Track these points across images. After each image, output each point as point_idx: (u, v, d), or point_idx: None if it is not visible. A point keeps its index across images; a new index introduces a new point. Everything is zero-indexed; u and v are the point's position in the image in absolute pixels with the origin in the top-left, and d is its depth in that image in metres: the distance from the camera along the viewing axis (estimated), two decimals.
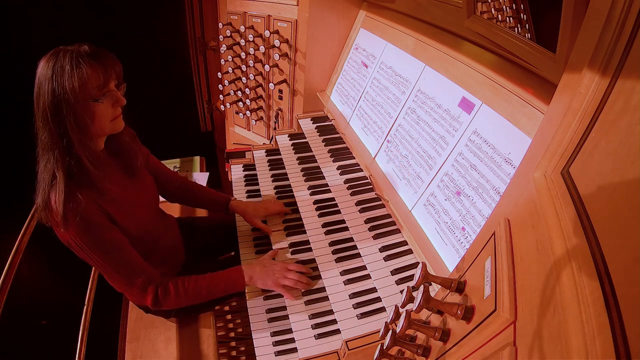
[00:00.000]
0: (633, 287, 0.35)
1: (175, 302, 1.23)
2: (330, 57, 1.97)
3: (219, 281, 1.28)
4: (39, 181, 1.07)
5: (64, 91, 0.99)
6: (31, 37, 2.13)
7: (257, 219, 1.54)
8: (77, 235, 1.07)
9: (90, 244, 1.09)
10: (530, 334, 0.47)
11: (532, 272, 0.54)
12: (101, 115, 1.07)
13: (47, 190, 1.05)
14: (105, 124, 1.10)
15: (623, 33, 0.52)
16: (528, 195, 0.65)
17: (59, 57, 1.00)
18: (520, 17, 1.02)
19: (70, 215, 1.03)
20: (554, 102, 0.72)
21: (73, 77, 0.99)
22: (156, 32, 2.42)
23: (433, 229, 1.17)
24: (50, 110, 1.00)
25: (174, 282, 1.23)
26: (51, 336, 2.10)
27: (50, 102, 0.99)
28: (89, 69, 1.00)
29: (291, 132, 1.95)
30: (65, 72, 0.99)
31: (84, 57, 1.01)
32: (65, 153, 1.03)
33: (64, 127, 1.01)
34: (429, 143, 1.28)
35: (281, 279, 1.28)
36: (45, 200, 1.05)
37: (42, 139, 1.04)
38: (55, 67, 0.99)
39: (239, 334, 1.83)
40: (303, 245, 1.46)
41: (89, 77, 1.01)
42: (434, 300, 0.64)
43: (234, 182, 1.84)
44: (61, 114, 1.00)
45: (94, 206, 1.09)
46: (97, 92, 1.04)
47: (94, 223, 1.09)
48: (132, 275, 1.18)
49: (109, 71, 1.05)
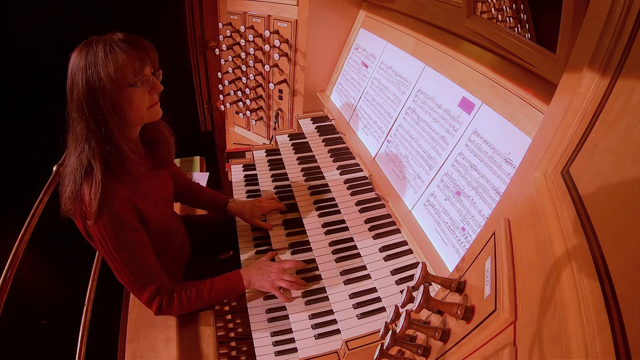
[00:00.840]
0: (633, 287, 0.35)
1: (178, 310, 1.25)
2: (330, 57, 1.97)
3: (219, 287, 1.28)
4: (69, 172, 1.05)
5: (99, 78, 0.97)
6: (32, 39, 2.13)
7: (255, 219, 1.55)
8: (105, 231, 1.06)
9: (116, 242, 1.09)
10: (530, 334, 0.47)
11: (532, 272, 0.54)
12: (138, 102, 1.05)
13: (80, 181, 1.03)
14: (143, 111, 1.08)
15: (623, 33, 0.52)
16: (528, 195, 0.65)
17: (91, 46, 0.99)
18: (520, 17, 1.02)
19: (103, 208, 1.02)
20: (554, 102, 0.72)
21: (108, 63, 0.97)
22: (156, 32, 2.42)
23: (433, 229, 1.17)
24: (85, 99, 0.98)
25: (178, 292, 1.23)
26: (51, 336, 2.11)
27: (85, 91, 0.98)
28: (124, 54, 0.99)
29: (291, 132, 1.95)
30: (99, 59, 0.97)
31: (117, 43, 0.99)
32: (104, 142, 1.02)
33: (101, 115, 1.00)
34: (429, 143, 1.28)
35: (277, 280, 1.28)
36: (75, 192, 1.03)
37: (77, 131, 1.03)
38: (89, 55, 0.98)
39: (239, 334, 1.83)
40: (303, 245, 1.46)
41: (124, 63, 0.99)
42: (434, 300, 0.64)
43: (234, 182, 1.84)
44: (97, 102, 0.99)
45: (127, 201, 1.09)
46: (133, 78, 1.02)
47: (125, 222, 1.09)
48: (146, 282, 1.18)
49: (144, 56, 1.03)
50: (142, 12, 2.32)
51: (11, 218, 1.68)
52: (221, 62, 2.28)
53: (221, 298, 1.29)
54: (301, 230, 1.48)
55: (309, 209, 1.51)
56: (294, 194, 1.59)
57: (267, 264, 1.35)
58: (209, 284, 1.27)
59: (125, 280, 1.19)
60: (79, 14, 2.19)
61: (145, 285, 1.18)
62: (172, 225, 1.40)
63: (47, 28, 2.12)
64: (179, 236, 1.46)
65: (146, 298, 1.19)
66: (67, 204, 1.06)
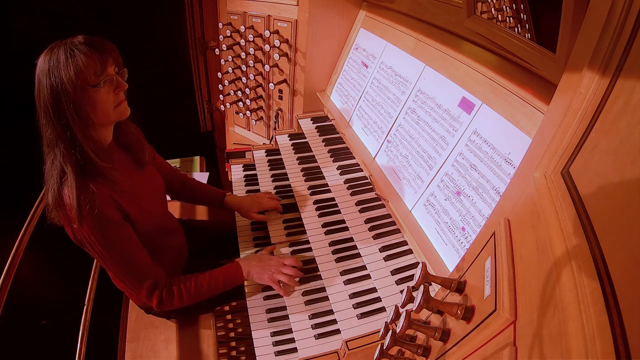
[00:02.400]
0: (633, 287, 0.35)
1: (178, 303, 1.25)
2: (330, 57, 1.96)
3: (219, 277, 1.29)
4: (47, 179, 1.06)
5: (61, 82, 0.98)
6: (31, 39, 2.13)
7: (252, 213, 1.56)
8: (91, 231, 1.06)
9: (104, 241, 1.09)
10: (530, 334, 0.47)
11: (532, 272, 0.54)
12: (103, 102, 1.06)
13: (57, 187, 1.04)
14: (109, 110, 1.08)
15: (623, 33, 0.52)
16: (528, 195, 0.65)
17: (53, 50, 1.00)
18: (520, 17, 1.02)
19: (85, 209, 1.03)
20: (554, 102, 0.72)
21: (68, 66, 0.98)
22: (156, 32, 2.42)
23: (433, 229, 1.17)
24: (50, 104, 0.99)
25: (177, 284, 1.24)
26: (51, 336, 2.10)
27: (49, 96, 0.99)
28: (84, 57, 1.00)
29: (291, 132, 1.95)
30: (60, 63, 0.98)
31: (77, 45, 1.00)
32: (70, 146, 1.02)
33: (65, 120, 1.01)
34: (429, 143, 1.28)
35: (276, 274, 1.29)
36: (56, 198, 1.04)
37: (47, 136, 1.03)
38: (51, 60, 0.99)
39: (239, 334, 1.83)
40: (303, 245, 1.46)
41: (84, 65, 1.00)
42: (434, 300, 0.64)
43: (234, 182, 1.84)
44: (61, 107, 1.00)
45: (108, 199, 1.09)
46: (95, 79, 1.02)
47: (109, 219, 1.09)
48: (142, 277, 1.18)
49: (105, 56, 1.04)
50: (142, 12, 2.32)
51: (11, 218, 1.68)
52: (221, 62, 2.28)
53: (221, 289, 1.30)
54: (301, 230, 1.48)
55: (309, 209, 1.51)
56: (294, 193, 1.59)
57: (267, 257, 1.36)
58: (208, 276, 1.28)
59: (121, 280, 1.19)
60: (79, 14, 2.19)
61: (141, 282, 1.18)
62: (166, 224, 1.39)
63: (47, 28, 2.12)
64: (173, 240, 1.45)
65: (145, 294, 1.19)
66: (51, 211, 1.07)
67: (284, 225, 1.56)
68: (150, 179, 1.34)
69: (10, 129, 2.31)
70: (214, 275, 1.28)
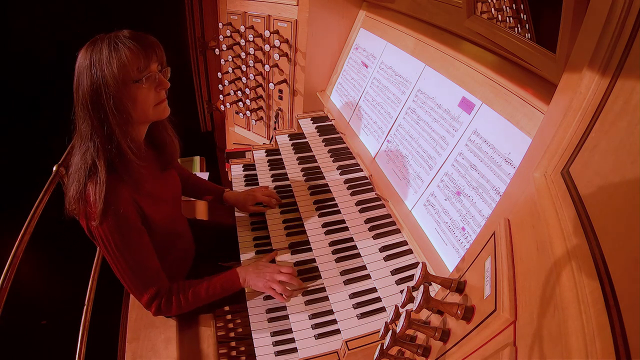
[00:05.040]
0: (633, 287, 0.35)
1: (177, 311, 1.25)
2: (330, 57, 1.96)
3: (216, 285, 1.28)
4: (74, 171, 1.04)
5: (102, 75, 0.97)
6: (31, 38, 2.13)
7: (248, 206, 1.60)
8: (110, 232, 1.05)
9: (121, 243, 1.08)
10: (530, 334, 0.47)
11: (532, 272, 0.54)
12: (143, 99, 1.04)
13: (84, 180, 1.02)
14: (148, 108, 1.07)
15: (623, 33, 0.52)
16: (528, 195, 0.65)
17: (96, 44, 0.99)
18: (520, 17, 1.02)
19: (109, 209, 1.02)
20: (554, 102, 0.72)
21: (112, 60, 0.97)
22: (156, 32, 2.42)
23: (433, 229, 1.17)
24: (89, 97, 0.98)
25: (176, 294, 1.23)
26: (51, 336, 2.11)
27: (89, 89, 0.98)
28: (128, 51, 0.98)
29: (291, 132, 1.95)
30: (103, 56, 0.97)
31: (122, 40, 0.99)
32: (107, 141, 1.01)
33: (104, 113, 0.99)
34: (429, 143, 1.28)
35: (271, 282, 1.28)
36: (80, 191, 1.03)
37: (82, 129, 1.02)
38: (94, 54, 0.98)
39: (239, 334, 1.83)
40: (303, 245, 1.46)
41: (128, 59, 0.98)
42: (434, 300, 0.64)
43: (233, 182, 1.84)
44: (100, 100, 0.98)
45: (131, 204, 1.08)
46: (137, 74, 1.01)
47: (129, 224, 1.08)
48: (147, 284, 1.18)
49: (149, 53, 1.03)
50: (142, 12, 2.32)
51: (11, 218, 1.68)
52: (221, 62, 2.28)
53: (218, 296, 1.30)
54: (301, 230, 1.48)
55: (309, 209, 1.51)
56: (294, 194, 1.59)
57: (264, 264, 1.35)
58: (206, 283, 1.28)
59: (126, 281, 1.19)
60: (79, 14, 2.19)
61: (146, 287, 1.18)
62: (177, 227, 1.40)
63: (47, 28, 2.12)
64: (184, 239, 1.45)
65: (146, 300, 1.19)
66: (71, 203, 1.05)
67: (284, 226, 1.56)
68: (171, 182, 1.34)
69: (10, 129, 2.31)
70: (211, 283, 1.28)
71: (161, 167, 1.27)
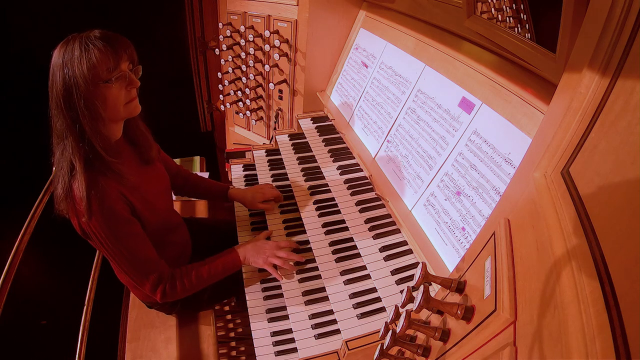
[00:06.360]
0: (633, 287, 0.35)
1: (181, 294, 1.27)
2: (330, 57, 1.96)
3: (217, 266, 1.31)
4: (57, 171, 1.06)
5: (73, 76, 0.98)
6: (30, 37, 2.13)
7: (257, 202, 1.59)
8: (100, 226, 1.07)
9: (112, 236, 1.09)
10: (530, 334, 0.47)
11: (532, 272, 0.54)
12: (114, 98, 1.06)
13: (68, 179, 1.04)
14: (119, 107, 1.08)
15: (623, 33, 0.52)
16: (528, 195, 0.65)
17: (69, 43, 1.00)
18: (520, 17, 1.02)
19: (95, 203, 1.03)
20: (554, 102, 0.72)
21: (82, 60, 0.98)
22: (156, 32, 2.42)
23: (433, 229, 1.17)
24: (62, 97, 1.00)
25: (180, 278, 1.26)
26: (51, 336, 2.11)
27: (61, 88, 0.99)
28: (98, 52, 1.00)
29: (291, 132, 1.95)
30: (75, 56, 0.98)
31: (93, 40, 1.00)
32: (79, 139, 1.03)
33: (75, 113, 1.01)
34: (429, 143, 1.28)
35: (271, 257, 1.32)
36: (66, 190, 1.04)
37: (57, 127, 1.04)
38: (66, 53, 0.99)
39: (239, 334, 1.83)
40: (303, 245, 1.46)
41: (97, 60, 0.99)
42: (434, 300, 0.64)
43: (233, 182, 1.84)
44: (72, 100, 1.00)
45: (117, 194, 1.09)
46: (107, 74, 1.02)
47: (118, 216, 1.09)
48: (147, 272, 1.20)
49: (119, 53, 1.04)
50: (142, 12, 2.32)
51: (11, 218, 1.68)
52: (221, 62, 2.28)
53: (220, 276, 1.33)
54: (301, 230, 1.48)
55: (308, 208, 1.51)
56: (294, 193, 1.59)
57: (262, 241, 1.38)
58: (207, 265, 1.30)
59: (127, 273, 1.20)
60: (78, 13, 2.19)
61: (147, 275, 1.20)
62: (171, 220, 1.41)
63: (46, 28, 2.12)
64: (179, 233, 1.47)
65: (149, 287, 1.21)
66: (59, 202, 1.07)
67: (284, 225, 1.56)
68: (157, 175, 1.35)
69: (10, 129, 2.31)
70: (213, 264, 1.31)
71: (142, 162, 1.28)
